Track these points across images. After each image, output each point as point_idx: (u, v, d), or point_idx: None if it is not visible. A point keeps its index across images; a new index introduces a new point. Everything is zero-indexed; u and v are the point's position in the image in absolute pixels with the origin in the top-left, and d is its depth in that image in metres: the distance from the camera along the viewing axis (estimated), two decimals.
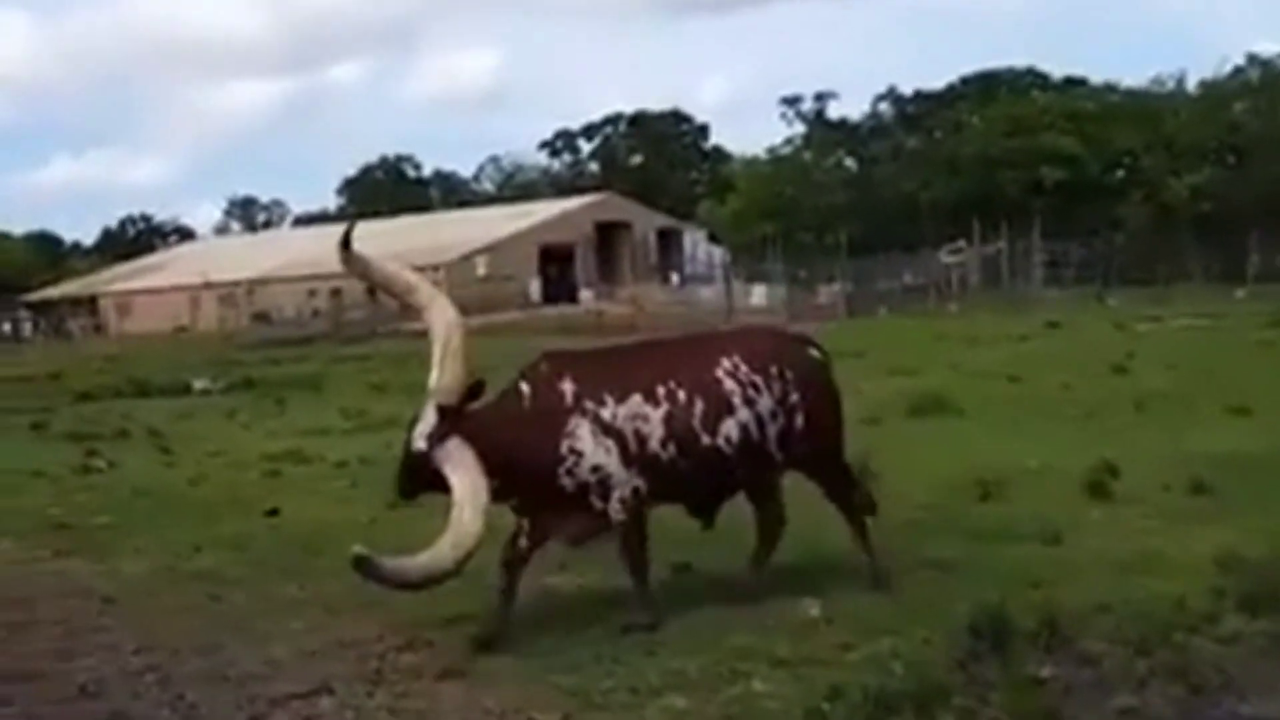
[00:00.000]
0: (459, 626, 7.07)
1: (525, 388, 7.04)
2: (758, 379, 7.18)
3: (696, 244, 78.21)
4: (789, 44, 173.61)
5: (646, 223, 77.22)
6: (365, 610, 7.16)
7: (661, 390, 7.01)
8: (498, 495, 6.79)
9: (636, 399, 6.96)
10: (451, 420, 6.72)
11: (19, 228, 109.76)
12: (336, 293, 68.00)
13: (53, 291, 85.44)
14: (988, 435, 13.68)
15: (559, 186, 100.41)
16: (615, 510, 6.97)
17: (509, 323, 46.41)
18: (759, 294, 57.12)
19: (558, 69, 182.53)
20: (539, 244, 71.12)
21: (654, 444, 6.95)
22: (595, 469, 6.90)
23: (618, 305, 60.57)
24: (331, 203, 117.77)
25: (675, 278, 71.82)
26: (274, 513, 10.78)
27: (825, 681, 5.91)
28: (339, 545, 6.53)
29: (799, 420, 7.28)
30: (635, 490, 6.97)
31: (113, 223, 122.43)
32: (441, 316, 6.95)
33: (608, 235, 74.55)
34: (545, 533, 7.11)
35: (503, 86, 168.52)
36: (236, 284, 72.10)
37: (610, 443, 6.89)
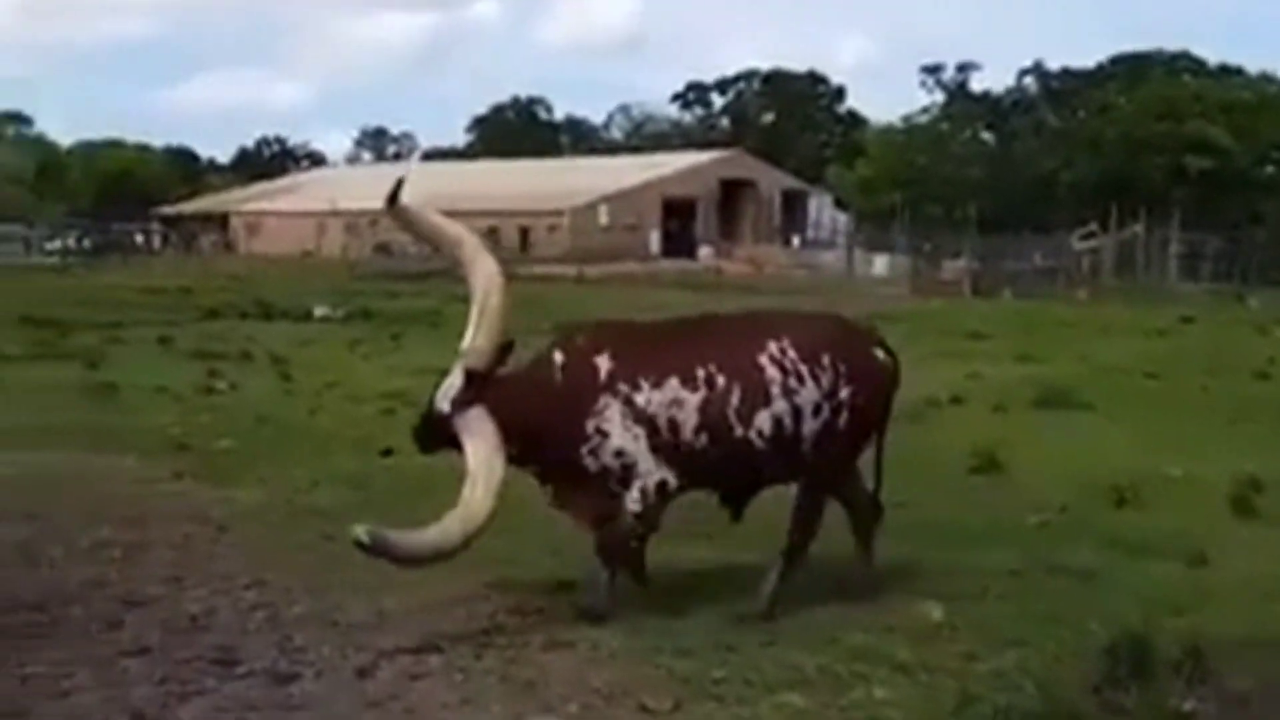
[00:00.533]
0: (569, 594, 6.93)
1: (558, 357, 6.70)
2: (804, 368, 6.66)
3: (822, 208, 77.10)
4: (934, 10, 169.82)
5: (772, 182, 76.37)
6: (476, 567, 6.99)
7: (701, 374, 6.57)
8: (518, 461, 6.57)
9: (674, 383, 6.55)
10: (478, 386, 6.46)
11: (159, 141, 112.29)
12: None
13: (186, 206, 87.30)
14: (1122, 434, 13.06)
15: (688, 140, 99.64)
16: (632, 500, 6.57)
17: (626, 274, 46.30)
18: (881, 264, 56.19)
19: (696, 21, 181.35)
20: (663, 196, 70.76)
21: (687, 432, 6.55)
22: (619, 453, 6.53)
23: (736, 264, 60.20)
24: (460, 139, 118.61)
25: (797, 240, 71.02)
26: (389, 453, 10.71)
27: (949, 692, 5.64)
28: (452, 493, 6.34)
29: (843, 419, 6.77)
30: (661, 484, 6.59)
31: (249, 143, 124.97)
32: (483, 274, 6.66)
33: (732, 192, 73.88)
34: (564, 507, 6.86)
35: (639, 35, 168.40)
36: (362, 214, 72.81)
37: (640, 430, 6.51)
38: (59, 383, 15.48)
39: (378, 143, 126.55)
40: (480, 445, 6.31)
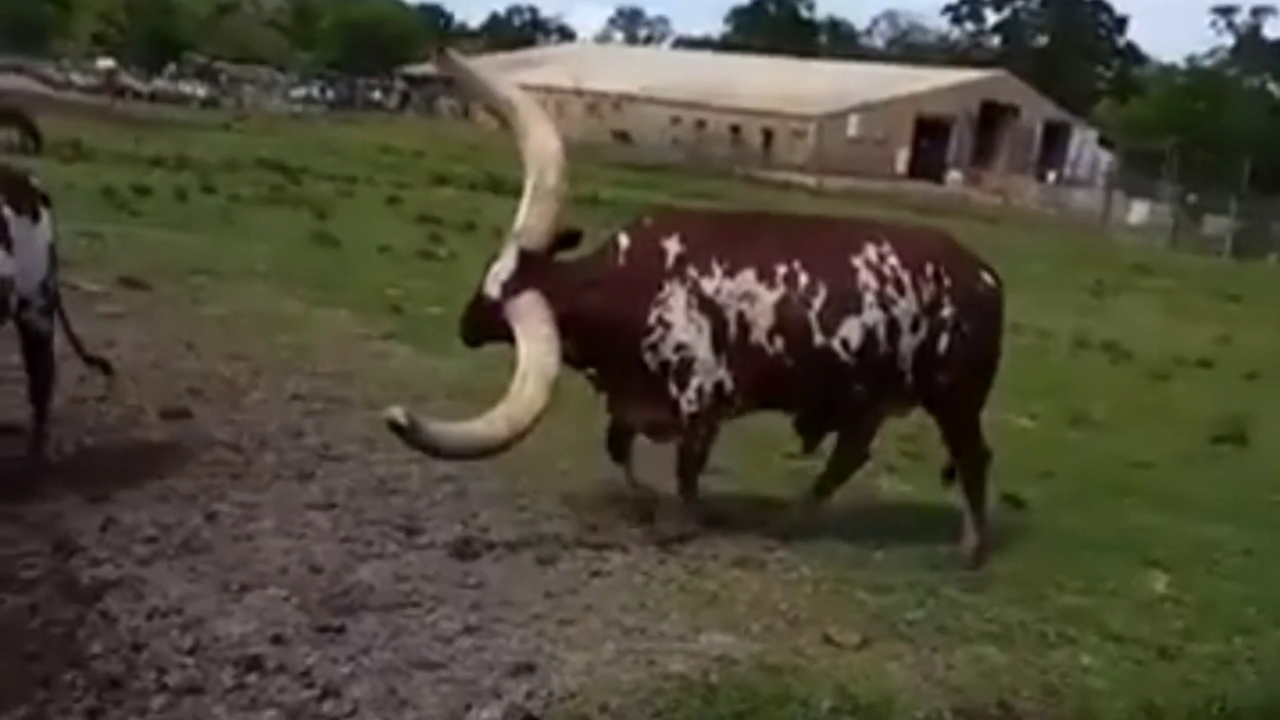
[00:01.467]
0: (769, 511, 6.59)
1: (623, 241, 6.03)
2: (905, 276, 5.91)
3: (1084, 144, 73.11)
4: None
5: (1036, 111, 72.69)
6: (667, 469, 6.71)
7: (781, 269, 5.85)
8: (575, 361, 6.00)
9: (749, 275, 5.84)
10: (533, 270, 5.83)
11: None
12: (701, 124, 67.95)
13: (430, 68, 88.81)
14: None
15: (952, 55, 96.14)
16: (687, 401, 5.91)
17: (867, 191, 45.07)
18: (1139, 211, 53.05)
19: None
20: (917, 113, 68.13)
21: (758, 333, 5.84)
22: (679, 347, 5.85)
23: (984, 193, 57.92)
24: (716, 30, 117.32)
25: (1052, 176, 67.80)
26: None
27: (1162, 670, 5.24)
28: None
29: (944, 341, 6.01)
30: (718, 386, 5.89)
31: (501, 9, 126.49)
32: (542, 146, 5.95)
33: (991, 116, 70.51)
34: (620, 413, 6.24)
35: None
36: (606, 96, 72.87)
37: (704, 321, 5.82)
38: (286, 229, 15.87)
39: (631, 24, 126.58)
40: (533, 336, 5.69)
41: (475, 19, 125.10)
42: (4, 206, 5.39)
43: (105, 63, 62.74)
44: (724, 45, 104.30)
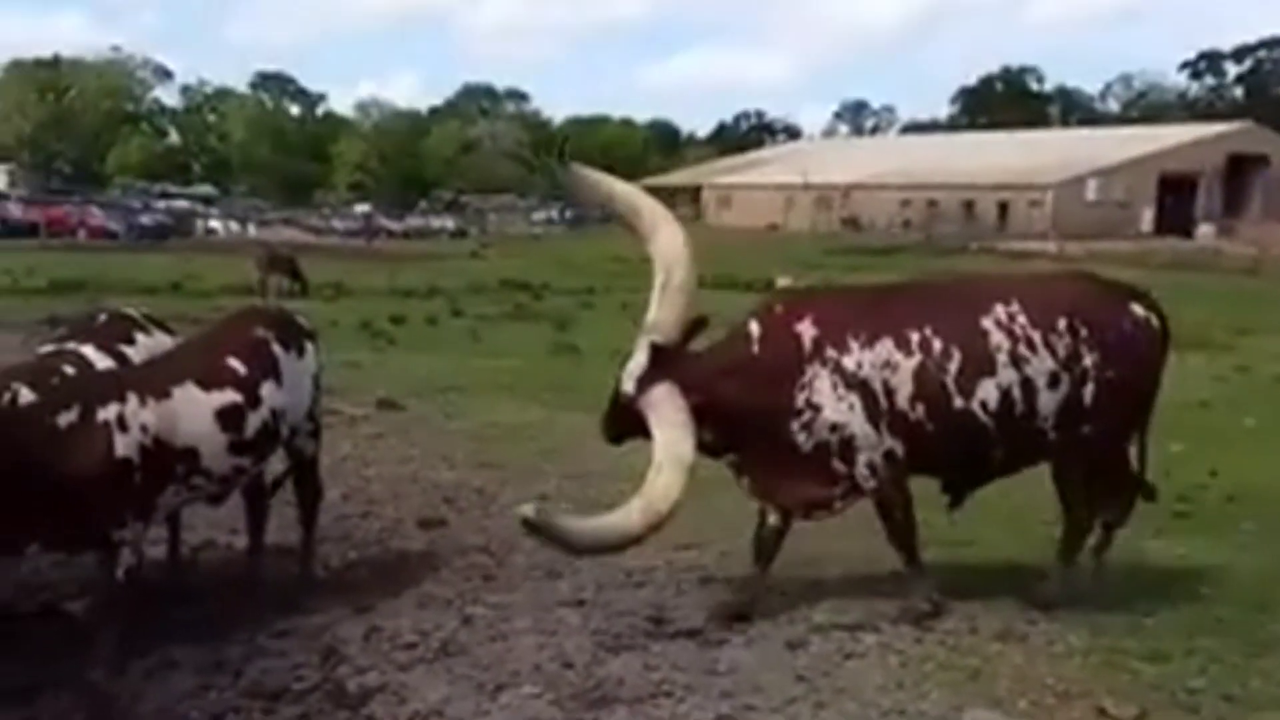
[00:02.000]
0: (1022, 579, 6.34)
1: (755, 329, 5.95)
2: (1036, 335, 5.74)
3: None
4: None
5: None
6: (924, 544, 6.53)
7: (915, 336, 5.76)
8: (712, 449, 5.87)
9: (887, 344, 5.75)
10: (666, 363, 5.77)
11: (642, 116, 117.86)
12: (933, 204, 67.30)
13: (662, 180, 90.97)
14: None
15: (1193, 111, 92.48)
16: (863, 478, 5.79)
17: (1112, 252, 43.41)
18: None
19: None
20: (1160, 171, 65.93)
21: (902, 400, 5.74)
22: (834, 427, 5.75)
23: (1238, 245, 55.02)
24: (943, 112, 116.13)
25: None
26: None
27: None
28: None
29: (1089, 391, 5.77)
30: (889, 455, 5.77)
31: (728, 117, 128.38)
32: (668, 245, 5.88)
33: (1240, 168, 67.60)
34: (770, 496, 6.01)
35: (1136, 4, 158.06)
36: (833, 187, 73.02)
37: (854, 397, 5.73)
38: (529, 342, 16.38)
39: (857, 116, 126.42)
40: (667, 426, 5.61)
41: (704, 128, 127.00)
42: (274, 344, 5.79)
43: (362, 207, 66.73)
44: (952, 126, 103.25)
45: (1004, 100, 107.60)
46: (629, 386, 5.83)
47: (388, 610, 5.88)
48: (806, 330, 5.83)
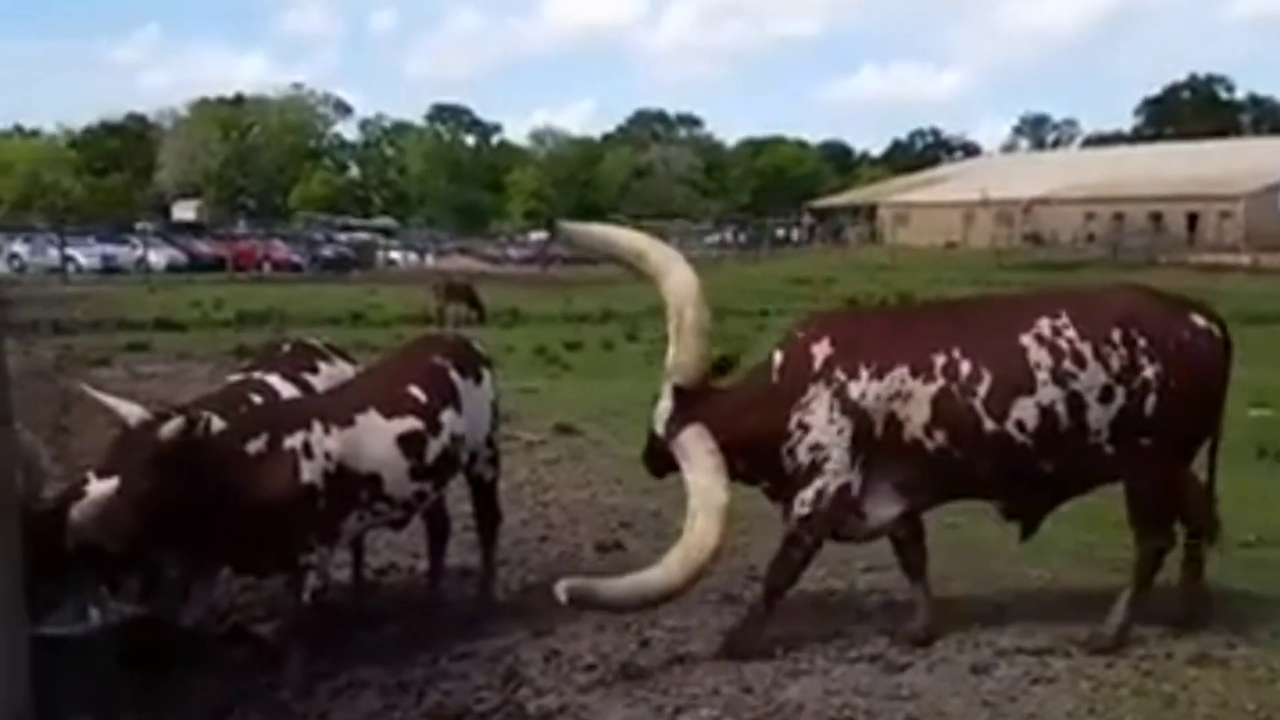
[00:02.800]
0: (1233, 604, 6.06)
1: (778, 357, 5.84)
2: (1085, 348, 5.45)
3: None
4: None
5: None
6: (1102, 566, 6.30)
7: (939, 361, 5.53)
8: (746, 477, 5.74)
9: (901, 373, 5.54)
10: (692, 403, 5.67)
11: (816, 136, 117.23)
12: (1118, 217, 65.29)
13: (836, 199, 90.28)
14: None
15: None
16: (801, 502, 5.62)
17: None
18: None
19: None
20: None
21: (915, 428, 5.52)
22: (815, 448, 5.59)
23: None
24: (1127, 124, 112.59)
25: None
26: None
27: None
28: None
29: (1150, 404, 5.43)
30: (841, 490, 5.59)
31: (902, 135, 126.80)
32: (679, 285, 5.72)
33: None
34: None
35: None
36: (1014, 202, 71.42)
37: (845, 423, 5.55)
38: None
39: (1037, 130, 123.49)
40: (698, 471, 5.52)
41: (877, 147, 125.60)
42: (453, 371, 5.92)
43: (537, 235, 67.87)
44: (1136, 138, 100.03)
45: (1191, 109, 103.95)
46: (660, 429, 5.83)
47: (567, 633, 5.91)
48: (820, 351, 5.72)
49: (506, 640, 5.83)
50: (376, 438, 5.43)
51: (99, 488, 4.91)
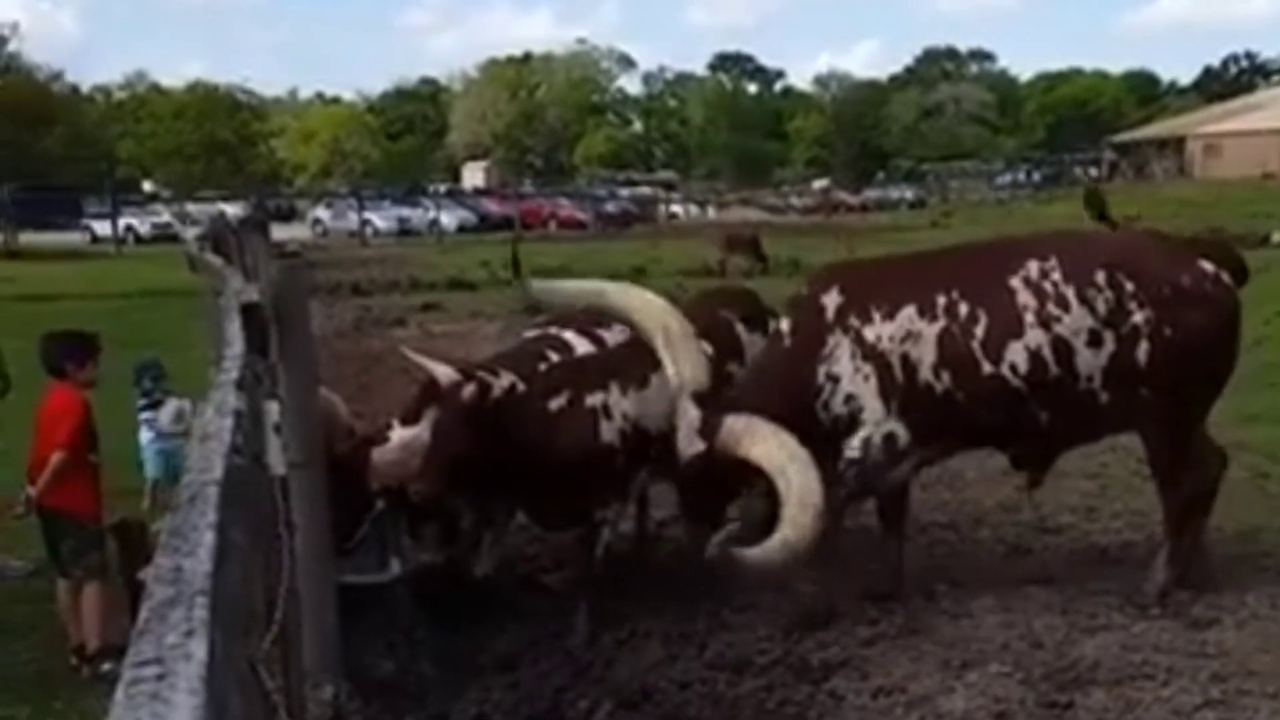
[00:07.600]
0: None
1: (785, 322, 5.68)
2: (1069, 290, 5.22)
3: None
4: None
5: None
6: None
7: (941, 301, 5.37)
8: None
9: (909, 312, 5.39)
10: (715, 401, 5.28)
11: (1117, 66, 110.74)
12: None
13: (1140, 132, 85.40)
14: None
15: None
16: (851, 448, 5.37)
17: None
18: None
19: None
20: None
21: (925, 370, 5.35)
22: (848, 399, 5.41)
23: None
24: None
25: None
26: None
27: None
28: None
29: (1143, 351, 5.14)
30: (889, 437, 5.37)
31: (1214, 60, 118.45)
32: (646, 308, 5.34)
33: None
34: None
35: None
36: None
37: (870, 369, 5.38)
38: None
39: None
40: (758, 439, 5.03)
41: (1186, 76, 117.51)
42: (738, 324, 5.96)
43: (820, 183, 67.26)
44: None
45: None
46: (698, 446, 5.23)
47: None
48: (831, 301, 5.57)
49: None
50: (668, 397, 5.48)
51: (401, 434, 5.15)
